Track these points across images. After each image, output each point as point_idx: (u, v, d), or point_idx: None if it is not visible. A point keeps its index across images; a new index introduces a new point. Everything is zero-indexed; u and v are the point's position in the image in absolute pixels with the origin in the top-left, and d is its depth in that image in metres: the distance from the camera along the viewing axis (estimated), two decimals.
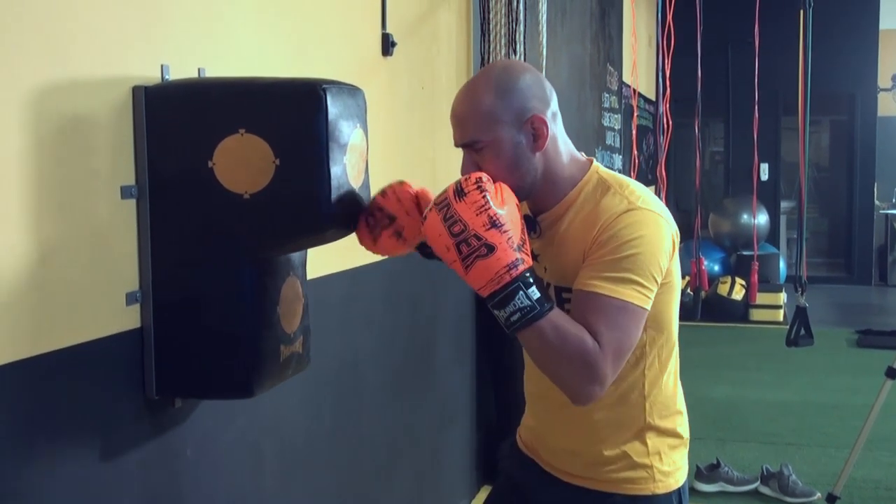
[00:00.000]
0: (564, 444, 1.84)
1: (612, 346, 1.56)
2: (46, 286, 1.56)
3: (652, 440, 1.78)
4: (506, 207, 1.54)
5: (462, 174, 1.64)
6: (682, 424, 1.86)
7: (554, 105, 1.71)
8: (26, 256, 1.52)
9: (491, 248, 1.49)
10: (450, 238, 1.51)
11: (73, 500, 1.65)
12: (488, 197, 1.52)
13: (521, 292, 1.50)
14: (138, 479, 1.81)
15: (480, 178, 1.54)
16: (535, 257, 1.73)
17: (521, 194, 1.68)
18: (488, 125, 1.64)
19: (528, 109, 1.65)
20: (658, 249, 1.63)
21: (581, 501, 1.83)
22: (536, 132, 1.66)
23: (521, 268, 1.51)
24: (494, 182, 1.57)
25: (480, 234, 1.49)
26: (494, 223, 1.50)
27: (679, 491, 1.82)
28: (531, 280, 1.52)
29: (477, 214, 1.50)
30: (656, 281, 1.63)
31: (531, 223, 1.75)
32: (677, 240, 1.71)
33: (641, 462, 1.78)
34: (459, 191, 1.52)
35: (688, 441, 1.87)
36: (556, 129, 1.71)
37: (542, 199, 1.74)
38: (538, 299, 1.51)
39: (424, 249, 1.81)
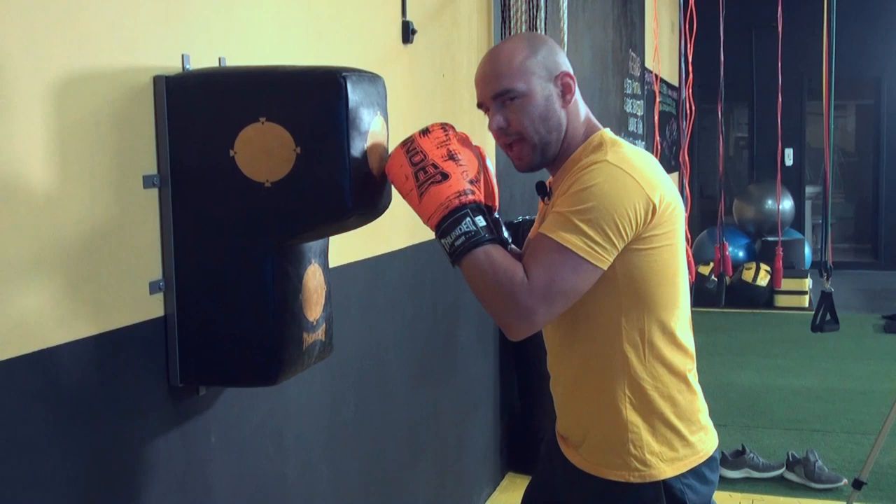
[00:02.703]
0: (565, 418, 1.86)
1: (540, 283, 1.58)
2: (70, 276, 1.57)
3: (630, 423, 1.72)
4: (467, 149, 1.67)
5: (490, 129, 1.75)
6: (682, 416, 1.75)
7: (573, 72, 1.79)
8: (50, 246, 1.53)
9: (445, 176, 1.61)
10: (409, 167, 1.63)
11: (99, 487, 1.67)
12: (450, 135, 1.66)
13: (468, 219, 1.59)
14: (163, 466, 1.83)
15: (446, 123, 1.69)
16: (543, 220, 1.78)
17: (549, 149, 1.76)
18: (523, 76, 1.71)
19: (558, 65, 1.75)
20: (613, 203, 1.60)
21: (569, 476, 1.83)
22: (565, 87, 1.75)
23: (471, 197, 1.61)
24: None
25: (438, 163, 1.62)
26: (452, 156, 1.63)
27: (668, 484, 1.73)
28: (479, 210, 1.61)
29: (437, 147, 1.63)
30: (607, 234, 1.60)
31: (544, 189, 1.83)
32: (667, 209, 1.66)
33: (617, 448, 1.73)
34: (425, 129, 1.67)
35: (689, 434, 1.76)
36: (579, 94, 1.79)
37: (556, 161, 1.79)
38: (483, 227, 1.60)
39: None
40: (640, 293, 1.69)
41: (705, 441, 1.81)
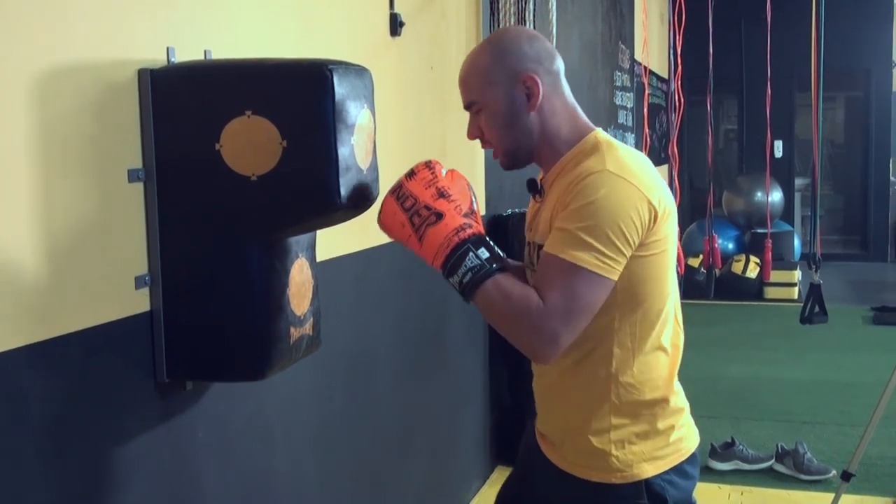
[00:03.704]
0: (545, 416, 1.86)
1: (558, 305, 1.57)
2: (55, 271, 1.56)
3: (615, 425, 1.72)
4: (456, 183, 1.66)
5: (468, 136, 1.76)
6: (665, 415, 1.75)
7: (554, 67, 1.75)
8: (35, 241, 1.52)
9: (440, 216, 1.60)
10: (403, 213, 1.62)
11: (85, 483, 1.66)
12: (436, 173, 1.64)
13: (470, 253, 1.59)
14: (150, 462, 1.82)
15: (430, 161, 1.67)
16: (535, 219, 1.79)
17: (520, 153, 1.76)
18: (484, 86, 1.72)
19: (520, 69, 1.70)
20: (618, 214, 1.59)
21: (548, 475, 1.82)
22: (529, 90, 1.71)
23: (469, 231, 1.60)
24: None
25: (430, 204, 1.61)
26: (442, 194, 1.62)
27: (649, 482, 1.73)
28: (481, 243, 1.61)
29: (426, 188, 1.62)
30: (616, 246, 1.59)
31: (535, 187, 1.82)
32: (665, 213, 1.65)
33: (600, 448, 1.73)
34: (410, 172, 1.64)
35: (671, 433, 1.76)
36: (555, 91, 1.75)
37: (544, 159, 1.78)
38: (487, 258, 1.59)
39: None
40: (636, 297, 1.68)
41: (687, 439, 1.81)
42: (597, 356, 1.71)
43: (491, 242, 1.65)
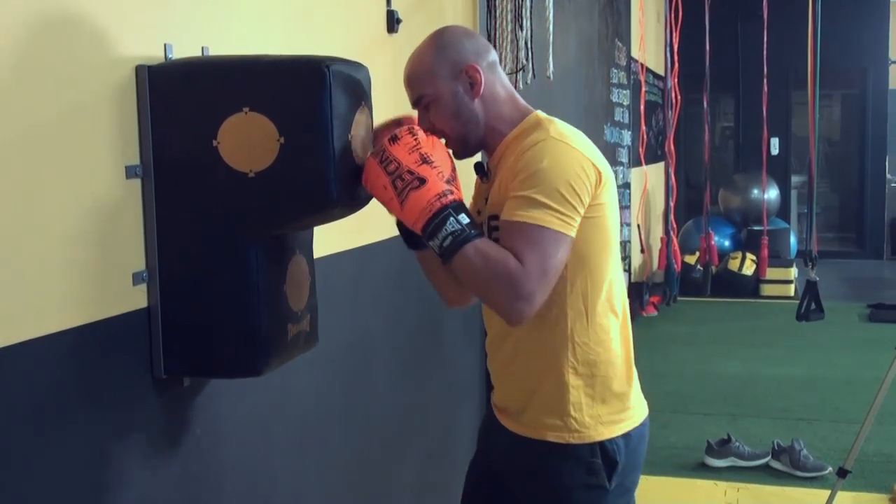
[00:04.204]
0: (504, 390, 1.96)
1: (534, 264, 1.66)
2: (52, 267, 1.56)
3: (572, 387, 1.82)
4: (438, 149, 1.74)
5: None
6: (620, 379, 1.87)
7: (490, 58, 1.89)
8: (32, 238, 1.52)
9: (422, 181, 1.66)
10: (386, 177, 1.67)
11: (82, 480, 1.66)
12: (419, 139, 1.71)
13: (451, 218, 1.65)
14: (147, 458, 1.82)
15: (413, 126, 1.75)
16: (485, 202, 1.88)
17: (470, 142, 1.88)
18: (429, 80, 1.85)
19: (462, 61, 1.84)
20: (565, 173, 1.72)
21: (511, 446, 1.92)
22: (472, 80, 1.84)
23: (451, 197, 1.67)
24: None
25: (413, 169, 1.67)
26: (425, 160, 1.68)
27: (604, 444, 1.83)
28: (461, 208, 1.68)
29: (409, 153, 1.68)
30: (571, 203, 1.71)
31: (482, 170, 1.93)
32: (605, 178, 1.78)
33: (557, 408, 1.83)
34: (393, 137, 1.71)
35: (625, 399, 1.87)
36: (495, 79, 1.88)
37: (490, 143, 1.90)
38: (467, 224, 1.66)
39: (406, 234, 1.89)
40: (585, 260, 1.79)
41: (639, 407, 1.92)
42: (552, 318, 1.81)
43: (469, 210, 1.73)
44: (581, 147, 1.78)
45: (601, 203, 1.77)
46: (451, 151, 1.85)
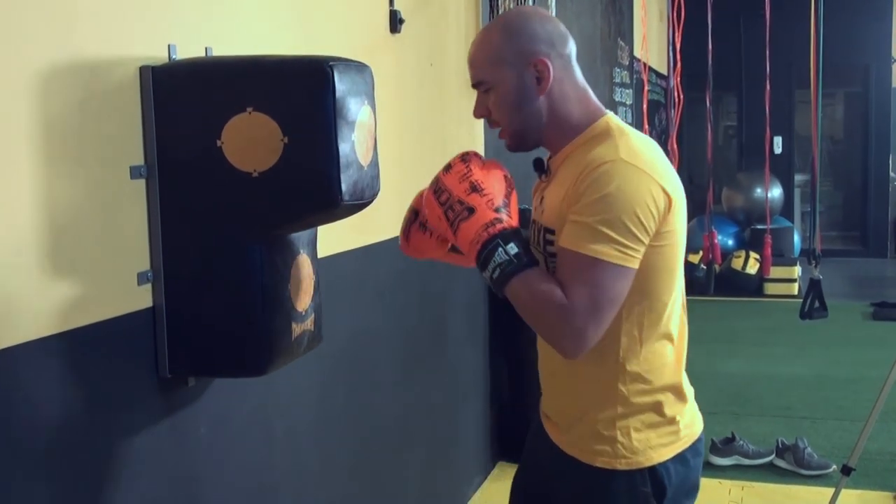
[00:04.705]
0: (551, 402, 1.86)
1: (582, 300, 1.56)
2: (58, 267, 1.57)
3: (622, 413, 1.72)
4: (491, 175, 1.64)
5: (474, 115, 1.74)
6: (671, 403, 1.76)
7: (566, 50, 1.72)
8: (38, 238, 1.52)
9: (471, 211, 1.60)
10: (438, 207, 1.63)
11: (88, 479, 1.67)
12: (471, 166, 1.64)
13: (500, 248, 1.57)
14: (152, 458, 1.82)
15: (466, 153, 1.67)
16: (541, 201, 1.77)
17: (528, 138, 1.74)
18: (493, 66, 1.69)
19: (532, 52, 1.67)
20: (632, 202, 1.58)
21: (556, 461, 1.82)
22: (540, 74, 1.68)
23: (499, 226, 1.59)
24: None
25: (463, 198, 1.61)
26: (475, 188, 1.61)
27: (654, 469, 1.73)
28: (510, 237, 1.58)
29: (460, 182, 1.62)
30: (635, 235, 1.58)
31: (541, 167, 1.80)
32: (677, 202, 1.65)
33: (606, 434, 1.73)
34: (447, 166, 1.65)
35: (678, 421, 1.77)
36: (566, 75, 1.72)
37: (552, 143, 1.75)
38: (516, 254, 1.57)
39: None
40: (646, 289, 1.67)
41: (691, 427, 1.81)
42: (604, 346, 1.67)
43: (521, 234, 1.63)
44: (652, 170, 1.61)
45: (670, 230, 1.64)
46: (505, 159, 1.75)
